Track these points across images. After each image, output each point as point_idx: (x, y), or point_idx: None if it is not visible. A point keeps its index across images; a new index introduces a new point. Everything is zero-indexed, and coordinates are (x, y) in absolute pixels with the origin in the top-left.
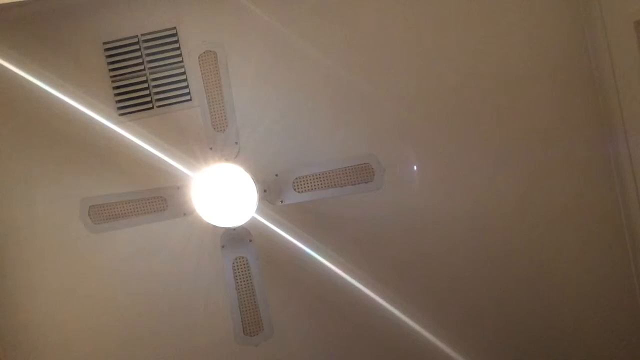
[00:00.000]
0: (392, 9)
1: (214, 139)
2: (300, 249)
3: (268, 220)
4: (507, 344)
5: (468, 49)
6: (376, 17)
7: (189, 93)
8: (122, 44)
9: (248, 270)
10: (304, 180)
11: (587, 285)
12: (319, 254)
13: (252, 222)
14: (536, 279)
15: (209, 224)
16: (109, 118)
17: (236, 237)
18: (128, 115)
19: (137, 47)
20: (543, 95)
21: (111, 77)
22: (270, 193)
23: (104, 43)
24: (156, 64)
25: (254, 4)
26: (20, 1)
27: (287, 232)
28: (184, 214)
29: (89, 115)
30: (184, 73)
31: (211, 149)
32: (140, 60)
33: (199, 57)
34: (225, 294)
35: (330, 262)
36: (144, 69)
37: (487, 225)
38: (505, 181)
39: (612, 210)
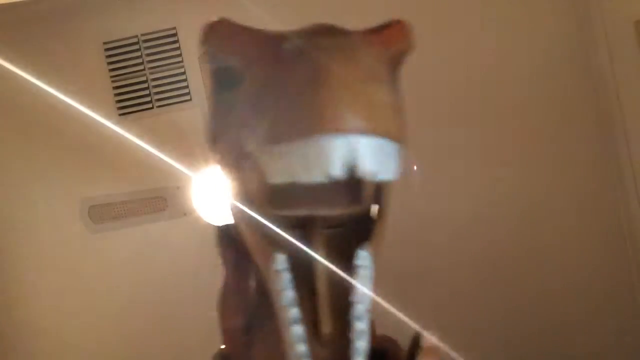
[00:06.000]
0: (392, 10)
1: None
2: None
3: None
4: (509, 344)
5: (467, 49)
6: (376, 17)
7: (189, 93)
8: (122, 44)
9: None
10: None
11: (587, 285)
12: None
13: None
14: (535, 278)
15: (209, 224)
16: (109, 118)
17: None
18: (128, 115)
19: (137, 47)
20: (542, 96)
21: (111, 77)
22: None
23: (104, 43)
24: (156, 64)
25: (254, 4)
26: (20, 1)
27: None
28: (184, 214)
29: (89, 115)
30: (184, 73)
31: None
32: (140, 60)
33: (199, 57)
34: None
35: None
36: (144, 69)
37: (486, 226)
38: (504, 181)
39: (612, 210)
